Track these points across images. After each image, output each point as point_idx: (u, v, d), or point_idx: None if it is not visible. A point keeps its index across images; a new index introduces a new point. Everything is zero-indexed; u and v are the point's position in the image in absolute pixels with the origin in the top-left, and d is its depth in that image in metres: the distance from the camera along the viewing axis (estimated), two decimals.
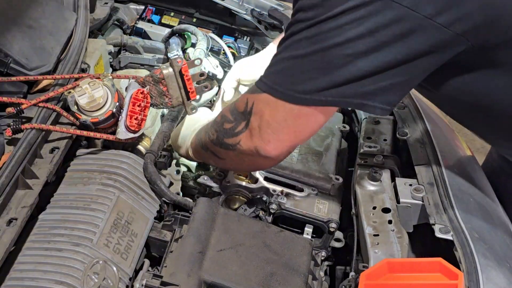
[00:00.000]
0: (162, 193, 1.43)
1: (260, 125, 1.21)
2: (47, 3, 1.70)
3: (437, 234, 1.30)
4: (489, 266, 1.24)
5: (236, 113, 1.27)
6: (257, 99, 1.20)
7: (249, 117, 1.23)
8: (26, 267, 1.20)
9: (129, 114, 1.43)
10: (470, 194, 1.46)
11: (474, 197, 1.46)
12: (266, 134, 1.20)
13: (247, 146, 1.25)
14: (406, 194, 1.44)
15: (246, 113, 1.24)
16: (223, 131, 1.31)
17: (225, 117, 1.31)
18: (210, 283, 1.24)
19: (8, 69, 1.50)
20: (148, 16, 2.12)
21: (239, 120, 1.26)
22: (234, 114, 1.28)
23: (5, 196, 1.26)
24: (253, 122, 1.22)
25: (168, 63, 1.48)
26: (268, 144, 1.21)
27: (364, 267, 1.29)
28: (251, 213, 1.44)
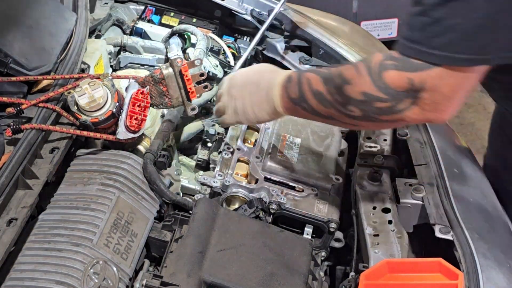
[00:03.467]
0: (162, 193, 1.43)
1: (435, 99, 1.14)
2: (47, 3, 1.70)
3: (437, 234, 1.30)
4: (489, 266, 1.24)
5: (393, 93, 1.16)
6: (429, 75, 1.12)
7: (419, 94, 1.14)
8: (26, 267, 1.20)
9: (129, 114, 1.43)
10: (470, 194, 1.46)
11: (474, 197, 1.46)
12: (442, 106, 1.15)
13: (415, 120, 1.20)
14: (406, 194, 1.44)
15: (411, 92, 1.15)
16: (375, 110, 1.20)
17: (373, 97, 1.18)
18: (210, 283, 1.24)
19: (8, 69, 1.50)
20: (148, 16, 2.13)
21: (399, 99, 1.16)
22: (390, 94, 1.16)
23: (5, 196, 1.26)
24: (426, 98, 1.14)
25: (168, 63, 1.48)
26: (443, 113, 1.17)
27: (364, 267, 1.29)
28: (251, 213, 1.44)
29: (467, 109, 3.48)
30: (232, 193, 1.48)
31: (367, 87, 1.19)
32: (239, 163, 1.56)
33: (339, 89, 1.23)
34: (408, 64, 1.14)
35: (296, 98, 1.31)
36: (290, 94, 1.32)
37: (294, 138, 1.61)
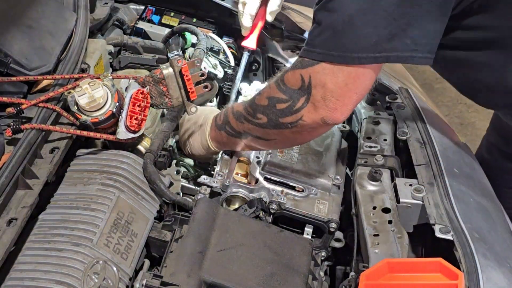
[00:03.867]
0: (162, 192, 1.44)
1: (324, 95, 1.22)
2: (47, 3, 1.70)
3: (437, 234, 1.30)
4: (489, 266, 1.24)
5: (290, 91, 1.27)
6: (314, 71, 1.22)
7: (309, 91, 1.24)
8: (26, 267, 1.20)
9: (129, 114, 1.43)
10: (470, 194, 1.46)
11: (474, 197, 1.46)
12: (331, 103, 1.23)
13: (312, 120, 1.27)
14: (406, 194, 1.44)
15: (304, 89, 1.25)
16: (276, 112, 1.31)
17: (275, 99, 1.31)
18: (210, 283, 1.24)
19: (8, 69, 1.50)
20: (148, 16, 2.12)
21: (296, 98, 1.27)
22: (288, 93, 1.28)
23: (5, 196, 1.26)
24: (316, 94, 1.23)
25: (168, 63, 1.48)
26: (335, 111, 1.24)
27: (364, 267, 1.29)
28: (251, 213, 1.44)
29: (467, 109, 3.49)
30: (232, 193, 1.48)
31: (271, 91, 1.32)
32: (239, 163, 1.56)
33: (251, 102, 1.38)
34: (301, 62, 1.24)
35: (221, 124, 1.48)
36: (217, 121, 1.50)
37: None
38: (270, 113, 1.33)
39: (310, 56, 1.22)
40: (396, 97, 1.76)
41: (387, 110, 1.78)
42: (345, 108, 1.24)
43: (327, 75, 1.21)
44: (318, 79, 1.22)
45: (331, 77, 1.20)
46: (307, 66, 1.23)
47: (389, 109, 1.76)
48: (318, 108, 1.25)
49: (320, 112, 1.25)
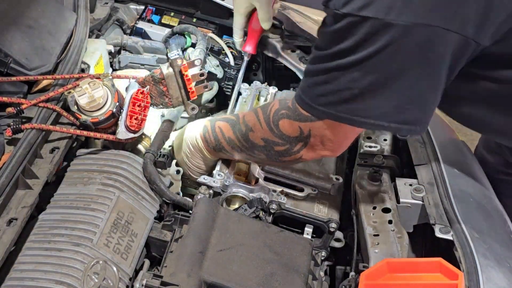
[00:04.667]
0: (162, 192, 1.44)
1: (323, 141, 1.28)
2: (47, 3, 1.70)
3: (437, 234, 1.30)
4: (489, 266, 1.24)
5: (287, 138, 1.31)
6: (314, 126, 1.25)
7: (307, 140, 1.28)
8: (26, 267, 1.20)
9: (129, 114, 1.43)
10: (470, 194, 1.46)
11: (474, 197, 1.46)
12: (330, 147, 1.29)
13: (311, 157, 1.34)
14: (406, 194, 1.44)
15: (302, 137, 1.28)
16: (275, 153, 1.35)
17: (271, 142, 1.33)
18: (210, 283, 1.24)
19: (8, 69, 1.50)
20: (148, 16, 2.12)
21: (293, 143, 1.31)
22: (285, 139, 1.31)
23: (5, 196, 1.26)
24: (314, 141, 1.28)
25: (168, 63, 1.48)
26: (334, 151, 1.32)
27: (364, 267, 1.29)
28: (251, 213, 1.44)
29: None
30: (232, 193, 1.48)
31: (266, 134, 1.34)
32: (239, 163, 1.56)
33: (245, 136, 1.38)
34: (299, 114, 1.26)
35: (215, 147, 1.46)
36: (209, 144, 1.47)
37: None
38: (268, 153, 1.36)
39: (313, 112, 1.23)
40: None
41: None
42: (343, 148, 1.32)
43: (327, 129, 1.24)
44: (319, 132, 1.25)
45: (332, 131, 1.24)
46: (307, 120, 1.25)
47: None
48: (317, 150, 1.30)
49: (319, 152, 1.31)
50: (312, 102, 1.22)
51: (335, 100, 1.18)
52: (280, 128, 1.30)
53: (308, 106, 1.23)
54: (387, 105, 1.15)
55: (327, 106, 1.20)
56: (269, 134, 1.33)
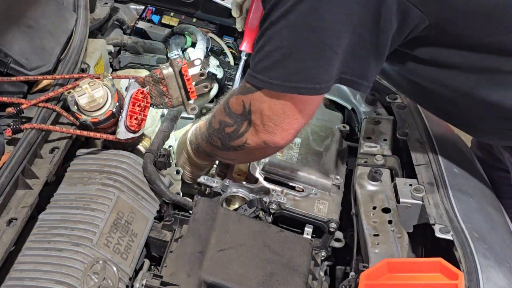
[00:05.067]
0: (162, 192, 1.44)
1: (262, 121, 1.24)
2: (47, 3, 1.70)
3: (437, 234, 1.30)
4: (489, 266, 1.24)
5: (234, 116, 1.29)
6: (253, 98, 1.23)
7: (250, 116, 1.26)
8: (26, 267, 1.20)
9: (129, 114, 1.43)
10: (470, 194, 1.46)
11: (474, 197, 1.46)
12: (270, 128, 1.24)
13: (255, 143, 1.29)
14: (406, 194, 1.44)
15: (245, 114, 1.27)
16: (226, 136, 1.34)
17: (224, 123, 1.33)
18: (210, 283, 1.24)
19: (8, 69, 1.50)
20: (148, 16, 2.12)
21: (240, 122, 1.29)
22: (233, 117, 1.30)
23: (5, 196, 1.26)
24: (255, 120, 1.25)
25: (168, 63, 1.48)
26: (274, 135, 1.25)
27: (364, 267, 1.29)
28: (251, 213, 1.44)
29: None
30: (232, 193, 1.48)
31: (221, 115, 1.33)
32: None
33: (209, 123, 1.39)
34: (244, 88, 1.25)
35: (195, 146, 1.48)
36: (192, 144, 1.50)
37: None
38: (221, 137, 1.35)
39: (252, 82, 1.22)
40: (396, 97, 1.76)
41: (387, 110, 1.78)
42: (285, 132, 1.25)
43: (265, 102, 1.22)
44: (257, 106, 1.23)
45: (268, 104, 1.21)
46: (248, 92, 1.24)
47: (389, 109, 1.76)
48: (259, 132, 1.26)
49: (261, 136, 1.27)
50: (252, 71, 1.21)
51: (268, 64, 1.17)
52: (230, 105, 1.30)
53: (249, 76, 1.22)
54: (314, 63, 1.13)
55: (262, 72, 1.18)
56: (223, 115, 1.32)
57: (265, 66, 1.18)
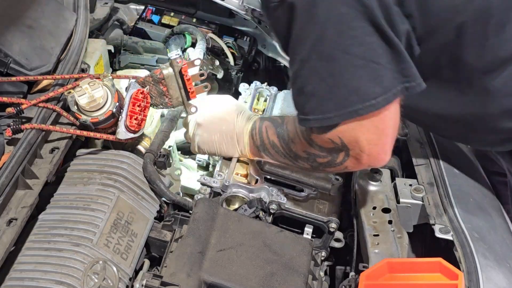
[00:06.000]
0: (162, 192, 1.44)
1: (362, 149, 1.20)
2: (47, 3, 1.70)
3: (437, 234, 1.30)
4: (489, 266, 1.24)
5: (326, 150, 1.25)
6: (340, 132, 1.19)
7: (346, 148, 1.22)
8: (26, 267, 1.20)
9: (129, 114, 1.43)
10: (470, 194, 1.46)
11: (474, 197, 1.46)
12: (372, 151, 1.21)
13: (357, 167, 1.27)
14: (406, 194, 1.44)
15: (339, 148, 1.23)
16: (319, 164, 1.30)
17: (313, 155, 1.29)
18: (210, 283, 1.24)
19: (8, 69, 1.50)
20: (148, 16, 2.12)
21: (335, 154, 1.25)
22: (325, 151, 1.26)
23: (5, 196, 1.26)
24: (353, 151, 1.22)
25: (168, 63, 1.48)
26: (379, 156, 1.22)
27: (364, 267, 1.29)
28: (251, 213, 1.44)
29: None
30: (232, 193, 1.48)
31: (306, 147, 1.30)
32: (239, 163, 1.56)
33: (288, 146, 1.35)
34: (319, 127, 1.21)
35: (259, 146, 1.43)
36: (255, 142, 1.43)
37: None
38: (312, 164, 1.32)
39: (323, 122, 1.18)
40: None
41: None
42: (387, 147, 1.22)
43: (353, 130, 1.18)
44: (348, 138, 1.20)
45: (359, 131, 1.18)
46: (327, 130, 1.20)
47: None
48: (362, 159, 1.23)
49: (364, 162, 1.23)
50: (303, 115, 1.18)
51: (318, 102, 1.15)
52: (316, 141, 1.26)
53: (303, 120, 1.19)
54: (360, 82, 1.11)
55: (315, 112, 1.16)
56: (308, 147, 1.28)
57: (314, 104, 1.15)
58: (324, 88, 1.13)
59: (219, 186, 1.47)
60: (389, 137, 1.21)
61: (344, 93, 1.12)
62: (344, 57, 1.10)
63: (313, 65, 1.12)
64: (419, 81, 1.15)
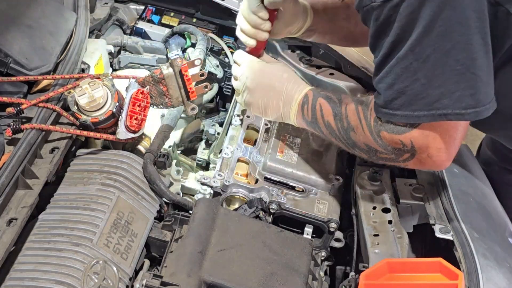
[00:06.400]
0: (162, 192, 1.44)
1: (430, 154, 1.22)
2: (47, 3, 1.70)
3: (437, 234, 1.30)
4: (489, 266, 1.24)
5: (391, 148, 1.25)
6: (413, 136, 1.20)
7: (413, 152, 1.23)
8: (26, 267, 1.20)
9: (129, 114, 1.43)
10: (470, 194, 1.46)
11: (474, 197, 1.46)
12: (439, 158, 1.22)
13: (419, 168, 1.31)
14: (406, 194, 1.44)
15: (407, 149, 1.23)
16: (379, 158, 1.30)
17: (374, 149, 1.28)
18: (210, 283, 1.24)
19: (8, 69, 1.50)
20: (148, 16, 2.12)
21: (399, 153, 1.25)
22: (389, 150, 1.25)
23: (5, 196, 1.26)
24: (420, 154, 1.22)
25: (168, 63, 1.48)
26: (443, 163, 1.24)
27: (364, 267, 1.29)
28: (251, 213, 1.44)
29: None
30: (232, 193, 1.48)
31: (369, 141, 1.27)
32: (239, 163, 1.56)
33: (346, 132, 1.31)
34: (394, 127, 1.21)
35: (310, 122, 1.38)
36: (305, 116, 1.38)
37: (294, 138, 1.61)
38: (371, 156, 1.31)
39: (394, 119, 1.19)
40: None
41: None
42: (451, 156, 1.23)
43: (428, 137, 1.19)
44: (420, 143, 1.20)
45: (432, 139, 1.19)
46: (404, 132, 1.20)
47: None
48: (425, 163, 1.24)
49: (427, 166, 1.25)
50: (389, 110, 1.18)
51: (408, 99, 1.14)
52: (384, 140, 1.24)
53: (387, 114, 1.20)
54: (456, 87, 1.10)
55: (402, 108, 1.16)
56: (372, 142, 1.27)
57: (404, 101, 1.15)
58: (417, 87, 1.13)
59: (219, 186, 1.47)
60: (458, 146, 1.23)
61: (437, 95, 1.12)
62: (443, 59, 1.09)
63: (408, 64, 1.12)
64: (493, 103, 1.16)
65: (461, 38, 1.07)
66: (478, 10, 1.06)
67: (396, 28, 1.10)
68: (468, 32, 1.07)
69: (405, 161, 1.26)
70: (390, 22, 1.10)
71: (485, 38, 1.09)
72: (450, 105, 1.12)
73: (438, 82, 1.11)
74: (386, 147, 1.25)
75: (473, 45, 1.08)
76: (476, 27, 1.07)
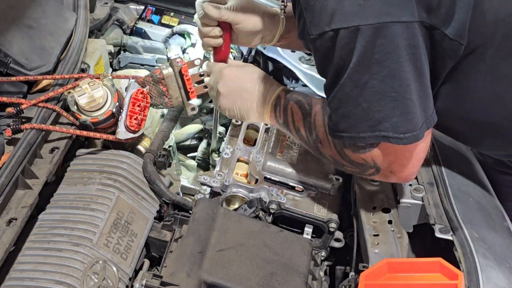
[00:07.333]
0: (161, 192, 1.44)
1: (393, 171, 1.27)
2: (47, 3, 1.70)
3: (437, 234, 1.30)
4: (489, 266, 1.23)
5: (355, 164, 1.29)
6: (374, 155, 1.24)
7: (377, 168, 1.28)
8: (26, 267, 1.20)
9: (129, 114, 1.43)
10: (470, 194, 1.46)
11: (474, 197, 1.46)
12: (403, 174, 1.27)
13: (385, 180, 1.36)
14: (406, 194, 1.44)
15: (370, 166, 1.28)
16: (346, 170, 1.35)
17: (342, 164, 1.32)
18: (210, 283, 1.24)
19: (8, 69, 1.50)
20: (148, 16, 2.13)
21: (364, 169, 1.30)
22: (354, 164, 1.29)
23: (5, 196, 1.26)
24: (385, 170, 1.27)
25: (168, 63, 1.48)
26: (408, 177, 1.29)
27: (364, 267, 1.29)
28: (251, 213, 1.44)
29: None
30: (232, 193, 1.48)
31: (335, 155, 1.32)
32: (239, 163, 1.56)
33: (314, 143, 1.35)
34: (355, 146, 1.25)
35: (281, 124, 1.41)
36: (277, 117, 1.41)
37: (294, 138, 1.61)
38: (338, 167, 1.36)
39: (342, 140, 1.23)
40: None
41: None
42: (417, 169, 1.28)
43: (389, 155, 1.23)
44: (382, 161, 1.25)
45: (395, 156, 1.23)
46: (365, 151, 1.24)
47: None
48: (390, 178, 1.30)
49: (392, 180, 1.32)
50: (337, 132, 1.21)
51: (352, 123, 1.18)
52: (348, 155, 1.29)
53: (337, 136, 1.23)
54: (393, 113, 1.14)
55: (348, 130, 1.19)
56: (337, 157, 1.31)
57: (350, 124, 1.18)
58: (359, 112, 1.16)
59: (219, 186, 1.47)
60: (421, 160, 1.27)
61: (378, 118, 1.15)
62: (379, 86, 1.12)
63: (349, 91, 1.14)
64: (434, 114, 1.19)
65: (394, 66, 1.10)
66: (409, 37, 1.09)
67: (336, 57, 1.13)
68: (400, 60, 1.10)
69: (371, 175, 1.30)
70: (330, 51, 1.13)
71: (416, 63, 1.12)
72: (390, 129, 1.15)
73: (377, 108, 1.14)
74: (351, 162, 1.29)
75: (405, 71, 1.11)
76: (407, 53, 1.10)
